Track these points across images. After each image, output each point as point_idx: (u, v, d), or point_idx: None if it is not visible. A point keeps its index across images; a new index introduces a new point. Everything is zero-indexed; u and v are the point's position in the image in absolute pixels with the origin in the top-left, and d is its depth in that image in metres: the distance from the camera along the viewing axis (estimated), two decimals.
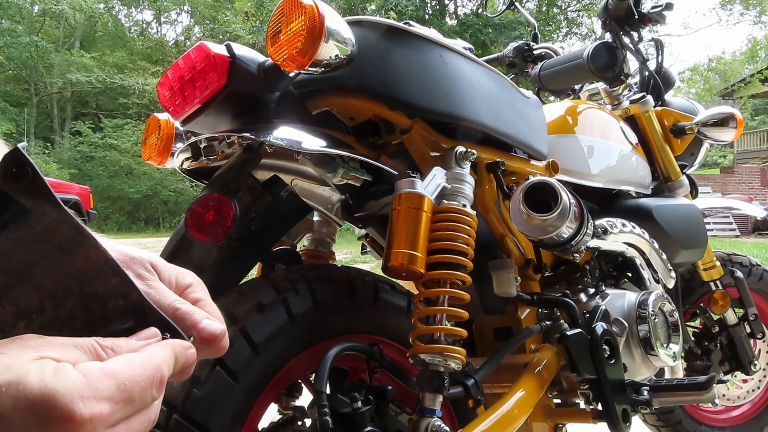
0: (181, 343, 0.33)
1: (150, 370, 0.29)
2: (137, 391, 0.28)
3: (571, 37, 21.55)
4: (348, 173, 0.90)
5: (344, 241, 7.74)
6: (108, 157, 16.75)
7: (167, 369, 0.30)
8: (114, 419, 0.26)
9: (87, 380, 0.26)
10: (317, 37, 0.79)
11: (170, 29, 28.16)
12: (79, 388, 0.25)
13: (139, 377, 0.28)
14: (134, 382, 0.27)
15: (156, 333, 0.32)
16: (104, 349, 0.29)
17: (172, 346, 0.32)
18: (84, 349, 0.28)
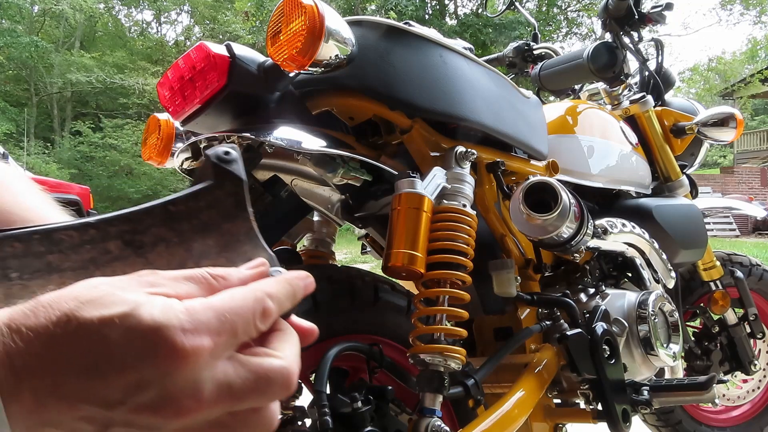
0: (296, 274, 0.34)
1: (251, 302, 0.29)
2: (239, 323, 0.28)
3: (571, 37, 21.57)
4: (348, 173, 0.90)
5: (344, 241, 7.74)
6: (108, 157, 16.75)
7: (274, 301, 0.31)
8: (220, 350, 0.27)
9: (189, 314, 0.27)
10: (317, 37, 0.79)
11: (170, 29, 28.17)
12: (182, 322, 0.26)
13: (241, 309, 0.29)
14: (235, 314, 0.28)
15: (264, 262, 0.34)
16: (215, 278, 0.31)
17: (287, 279, 0.33)
18: (195, 280, 0.30)
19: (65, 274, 0.31)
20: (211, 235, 0.35)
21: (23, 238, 0.31)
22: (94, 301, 0.26)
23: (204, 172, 0.36)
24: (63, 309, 0.25)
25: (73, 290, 0.27)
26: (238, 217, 0.36)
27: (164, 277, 0.29)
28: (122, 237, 0.33)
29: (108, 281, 0.28)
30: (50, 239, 0.31)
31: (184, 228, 0.34)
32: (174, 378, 0.26)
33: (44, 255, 0.31)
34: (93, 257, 0.32)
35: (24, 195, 0.49)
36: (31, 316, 0.25)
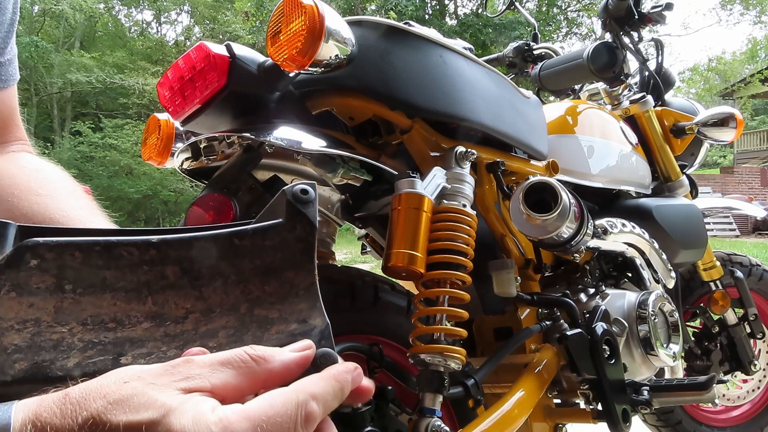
0: (344, 368, 0.31)
1: (293, 409, 0.27)
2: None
3: (571, 37, 21.56)
4: (348, 173, 0.90)
5: (344, 241, 7.74)
6: (108, 157, 16.74)
7: (318, 403, 0.29)
8: None
9: (223, 426, 0.25)
10: (317, 37, 0.79)
11: (170, 29, 28.18)
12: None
13: (280, 417, 0.27)
14: (274, 423, 0.27)
15: (310, 345, 0.31)
16: (256, 360, 0.29)
17: (334, 375, 0.30)
18: (233, 364, 0.28)
19: (117, 295, 0.30)
20: (270, 281, 0.33)
21: (84, 248, 0.30)
22: (122, 403, 0.25)
23: (276, 208, 0.34)
24: (90, 410, 0.24)
25: (103, 386, 0.26)
26: (303, 268, 0.34)
27: (199, 365, 0.28)
28: (181, 264, 0.32)
29: (139, 374, 0.26)
30: (110, 254, 0.30)
31: (245, 266, 0.33)
32: None
33: (102, 270, 0.30)
34: (148, 280, 0.31)
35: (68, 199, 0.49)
36: (58, 414, 0.24)
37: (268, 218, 0.34)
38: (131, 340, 0.30)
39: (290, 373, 0.30)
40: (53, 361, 0.29)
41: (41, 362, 0.29)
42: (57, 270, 0.29)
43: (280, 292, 0.33)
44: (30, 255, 0.29)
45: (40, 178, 0.52)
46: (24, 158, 0.55)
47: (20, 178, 0.51)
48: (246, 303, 0.33)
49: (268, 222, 0.34)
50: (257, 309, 0.33)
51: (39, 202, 0.49)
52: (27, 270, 0.29)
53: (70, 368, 0.30)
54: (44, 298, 0.29)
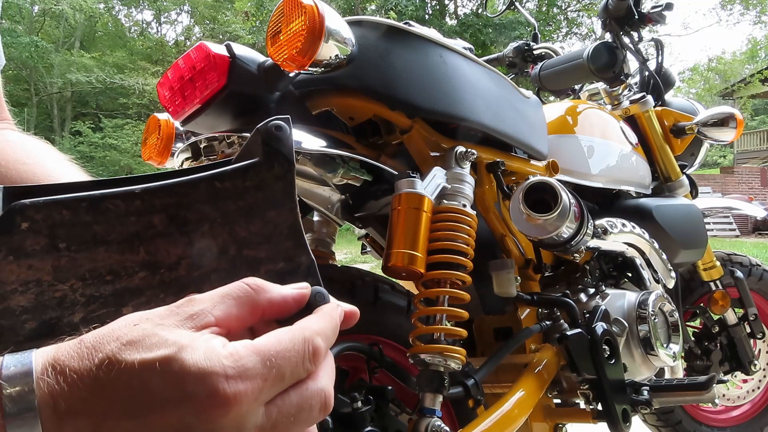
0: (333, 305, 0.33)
1: (300, 344, 0.29)
2: (287, 366, 0.28)
3: (571, 37, 21.55)
4: (348, 173, 0.90)
5: (344, 241, 7.73)
6: (108, 157, 16.74)
7: (323, 339, 0.30)
8: (264, 395, 0.27)
9: (234, 359, 0.26)
10: (317, 37, 0.79)
11: (170, 29, 28.16)
12: (225, 368, 0.26)
13: (288, 352, 0.28)
14: (282, 357, 0.28)
15: (307, 286, 0.32)
16: (255, 290, 0.30)
17: (329, 312, 0.32)
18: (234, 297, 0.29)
19: (110, 248, 0.31)
20: (254, 221, 0.34)
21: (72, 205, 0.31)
22: (136, 343, 0.26)
23: (252, 148, 0.35)
24: (105, 351, 0.25)
25: (115, 330, 0.27)
26: (284, 206, 0.35)
27: (201, 302, 0.29)
28: (167, 211, 0.32)
29: (147, 316, 0.27)
30: (97, 208, 0.31)
31: (229, 208, 0.33)
32: (216, 425, 0.25)
33: (91, 225, 0.31)
34: (137, 231, 0.32)
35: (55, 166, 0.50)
36: (75, 357, 0.25)
37: (246, 158, 0.34)
38: (130, 291, 0.32)
39: (287, 305, 0.31)
40: (60, 317, 0.31)
41: (48, 320, 0.30)
42: (48, 230, 0.30)
43: (265, 232, 0.34)
44: (20, 218, 0.30)
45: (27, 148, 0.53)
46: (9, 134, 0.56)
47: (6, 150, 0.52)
48: (234, 245, 0.33)
49: (246, 162, 0.34)
50: (245, 250, 0.34)
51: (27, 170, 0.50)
52: (20, 233, 0.30)
53: (76, 323, 0.31)
54: (41, 258, 0.30)
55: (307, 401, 0.29)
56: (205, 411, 0.25)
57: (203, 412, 0.25)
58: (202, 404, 0.25)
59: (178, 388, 0.25)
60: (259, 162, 0.34)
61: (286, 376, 0.28)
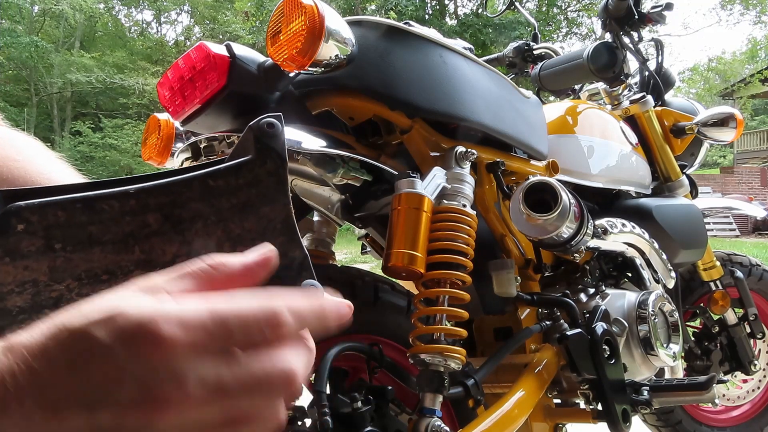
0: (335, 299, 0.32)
1: (261, 310, 0.28)
2: (238, 325, 0.27)
3: (571, 37, 21.55)
4: (348, 173, 0.90)
5: (344, 241, 7.74)
6: (108, 157, 16.73)
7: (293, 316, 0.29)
8: (207, 348, 0.26)
9: (179, 308, 0.26)
10: (317, 37, 0.79)
11: (170, 29, 28.17)
12: (168, 312, 0.26)
13: (241, 312, 0.27)
14: (235, 315, 0.27)
15: (272, 248, 0.32)
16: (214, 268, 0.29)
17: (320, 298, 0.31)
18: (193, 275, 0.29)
19: (106, 248, 0.32)
20: (248, 218, 0.34)
21: (67, 206, 0.31)
22: (83, 309, 0.26)
23: (245, 145, 0.35)
24: (56, 322, 0.26)
25: (67, 308, 0.27)
26: (277, 202, 0.35)
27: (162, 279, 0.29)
28: (161, 210, 0.33)
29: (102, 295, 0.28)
30: (92, 209, 0.31)
31: (222, 205, 0.34)
32: (154, 367, 0.25)
33: (86, 226, 0.31)
34: (132, 231, 0.32)
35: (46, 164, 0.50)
36: (26, 334, 0.26)
37: (239, 155, 0.35)
38: None
39: (252, 274, 0.31)
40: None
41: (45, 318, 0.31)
42: (44, 231, 0.30)
43: (259, 228, 0.34)
44: (16, 220, 0.30)
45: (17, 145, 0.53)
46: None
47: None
48: (228, 242, 0.34)
49: (239, 160, 0.34)
50: (239, 246, 0.34)
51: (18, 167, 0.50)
52: (16, 235, 0.30)
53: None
54: (37, 259, 0.30)
55: (265, 373, 0.27)
56: (140, 354, 0.25)
57: (138, 355, 0.25)
58: (138, 346, 0.25)
59: (120, 336, 0.25)
60: (252, 159, 0.34)
61: (235, 334, 0.27)
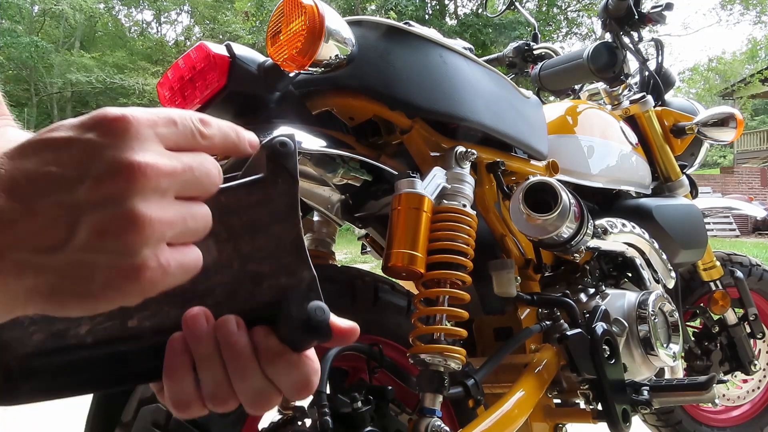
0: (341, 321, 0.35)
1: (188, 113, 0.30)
2: (177, 115, 0.30)
3: (571, 37, 21.55)
4: (348, 173, 0.90)
5: (344, 241, 7.74)
6: None
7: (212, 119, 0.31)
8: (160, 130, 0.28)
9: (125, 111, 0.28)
10: (317, 37, 0.79)
11: (170, 29, 28.15)
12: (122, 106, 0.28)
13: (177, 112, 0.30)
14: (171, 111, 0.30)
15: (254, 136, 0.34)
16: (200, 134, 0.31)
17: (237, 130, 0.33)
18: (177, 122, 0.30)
19: None
20: (259, 236, 0.34)
21: None
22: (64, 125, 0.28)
23: (256, 163, 0.35)
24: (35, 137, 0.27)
25: None
26: (288, 222, 0.35)
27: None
28: None
29: None
30: None
31: (233, 223, 0.34)
32: (121, 142, 0.27)
33: None
34: None
35: None
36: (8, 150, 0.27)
37: (251, 174, 0.35)
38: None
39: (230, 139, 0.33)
40: (67, 329, 0.31)
41: (56, 331, 0.31)
42: None
43: (269, 247, 0.35)
44: None
45: None
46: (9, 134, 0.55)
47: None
48: (238, 259, 0.34)
49: (251, 178, 0.35)
50: (249, 265, 0.34)
51: None
52: None
53: (82, 335, 0.31)
54: None
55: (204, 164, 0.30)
56: (102, 130, 0.27)
57: (102, 132, 0.27)
58: (99, 125, 0.27)
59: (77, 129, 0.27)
60: (264, 178, 0.35)
61: (177, 120, 0.29)
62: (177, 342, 0.33)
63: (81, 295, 0.26)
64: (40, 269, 0.26)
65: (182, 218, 0.29)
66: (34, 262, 0.26)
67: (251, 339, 0.34)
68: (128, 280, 0.27)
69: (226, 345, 0.33)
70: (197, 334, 0.33)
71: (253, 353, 0.33)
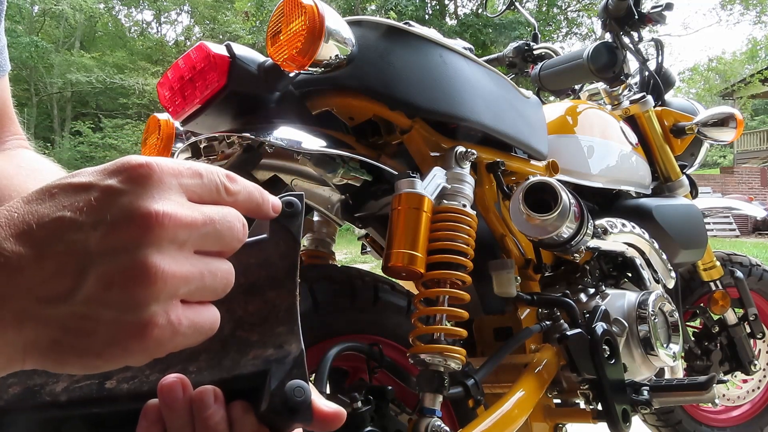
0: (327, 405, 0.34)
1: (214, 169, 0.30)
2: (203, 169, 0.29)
3: (571, 37, 21.54)
4: (348, 173, 0.90)
5: (344, 241, 7.73)
6: (108, 157, 16.70)
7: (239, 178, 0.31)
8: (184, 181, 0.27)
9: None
10: (317, 37, 0.79)
11: (170, 29, 28.16)
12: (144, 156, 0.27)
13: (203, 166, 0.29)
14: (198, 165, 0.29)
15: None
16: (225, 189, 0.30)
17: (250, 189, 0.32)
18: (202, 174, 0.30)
19: None
20: (253, 300, 0.33)
21: None
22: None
23: (260, 223, 0.34)
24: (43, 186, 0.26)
25: None
26: (284, 287, 0.33)
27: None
28: None
29: None
30: None
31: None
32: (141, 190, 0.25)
33: None
34: None
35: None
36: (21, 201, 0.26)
37: (256, 233, 0.33)
38: None
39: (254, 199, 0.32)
40: (43, 385, 0.30)
41: (33, 386, 0.30)
42: None
43: (262, 313, 0.33)
44: None
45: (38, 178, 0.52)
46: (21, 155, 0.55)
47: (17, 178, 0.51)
48: (229, 324, 0.32)
49: (253, 238, 0.33)
50: (239, 331, 0.32)
51: None
52: None
53: (57, 393, 0.30)
54: None
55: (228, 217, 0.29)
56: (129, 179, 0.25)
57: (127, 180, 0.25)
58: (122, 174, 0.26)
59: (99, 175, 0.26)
60: (266, 239, 0.33)
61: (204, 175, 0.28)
62: (151, 411, 0.31)
63: (83, 351, 0.25)
64: (41, 321, 0.24)
65: (200, 274, 0.27)
66: (37, 314, 0.24)
67: (228, 415, 0.32)
68: (133, 337, 0.25)
69: (200, 419, 0.31)
70: (171, 405, 0.31)
71: (227, 430, 0.32)
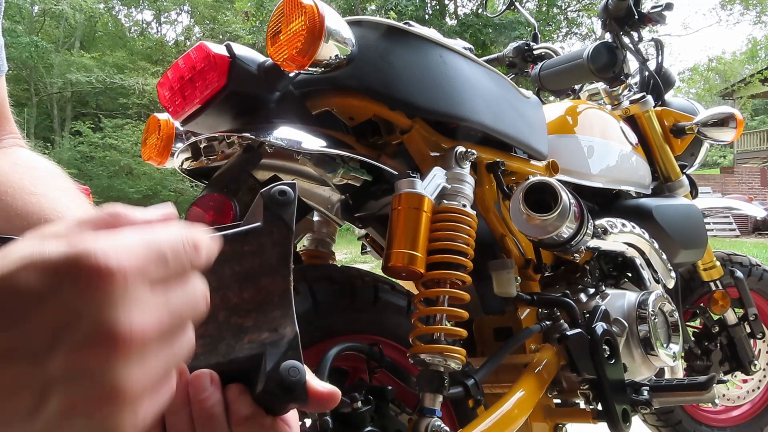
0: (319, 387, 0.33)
1: (178, 235, 0.26)
2: (168, 248, 0.25)
3: (571, 37, 21.54)
4: (348, 173, 0.91)
5: (344, 241, 7.74)
6: (108, 157, 16.72)
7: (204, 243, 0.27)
8: (149, 275, 0.24)
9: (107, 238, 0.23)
10: (317, 37, 0.79)
11: (170, 29, 28.16)
12: (102, 245, 0.23)
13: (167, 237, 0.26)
14: (161, 240, 0.25)
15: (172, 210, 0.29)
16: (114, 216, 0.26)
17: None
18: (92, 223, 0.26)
19: None
20: (248, 288, 0.33)
21: None
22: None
23: (254, 212, 0.34)
24: None
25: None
26: (279, 274, 0.34)
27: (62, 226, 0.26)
28: None
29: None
30: None
31: (224, 273, 0.32)
32: (103, 303, 0.22)
33: None
34: None
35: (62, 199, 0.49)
36: None
37: (250, 222, 0.34)
38: None
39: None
40: None
41: None
42: None
43: (257, 299, 0.33)
44: None
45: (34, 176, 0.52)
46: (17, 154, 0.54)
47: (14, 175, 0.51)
48: (224, 311, 0.32)
49: (246, 227, 0.33)
50: (234, 317, 0.33)
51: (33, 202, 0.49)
52: None
53: None
54: None
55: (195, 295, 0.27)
56: (87, 290, 0.22)
57: (85, 292, 0.22)
58: (82, 283, 0.22)
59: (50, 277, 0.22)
60: (259, 227, 0.33)
61: (169, 260, 0.25)
62: None
63: None
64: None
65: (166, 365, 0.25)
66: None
67: (224, 397, 0.32)
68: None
69: (196, 401, 0.31)
70: None
71: (224, 412, 0.32)
